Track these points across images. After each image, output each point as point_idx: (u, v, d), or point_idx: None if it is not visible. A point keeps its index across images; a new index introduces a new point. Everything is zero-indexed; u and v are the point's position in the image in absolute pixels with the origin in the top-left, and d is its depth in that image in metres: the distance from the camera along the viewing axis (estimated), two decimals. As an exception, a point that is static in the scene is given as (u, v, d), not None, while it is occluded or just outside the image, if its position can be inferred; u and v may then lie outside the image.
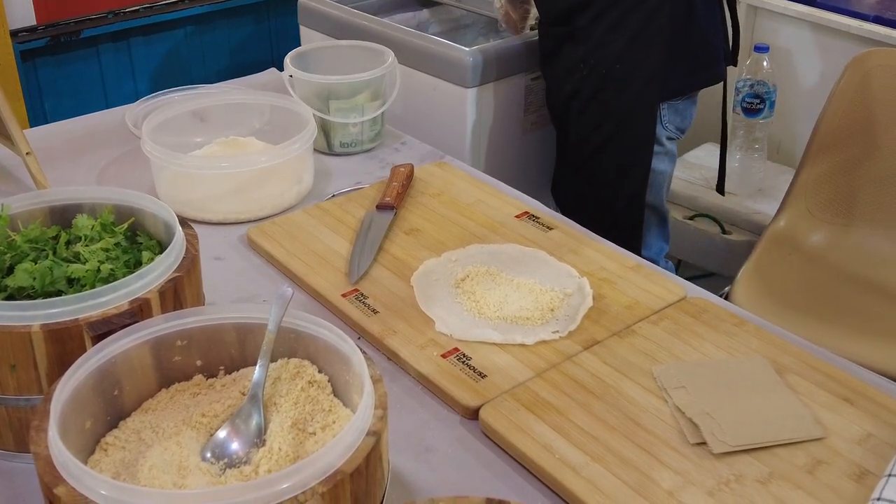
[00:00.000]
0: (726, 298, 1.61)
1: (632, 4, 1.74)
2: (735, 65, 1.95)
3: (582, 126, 1.85)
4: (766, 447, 0.95)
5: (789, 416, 0.99)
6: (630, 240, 1.85)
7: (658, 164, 1.87)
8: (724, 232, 2.29)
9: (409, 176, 1.47)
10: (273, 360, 0.91)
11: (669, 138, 1.87)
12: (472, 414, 1.02)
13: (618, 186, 1.86)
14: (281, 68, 1.66)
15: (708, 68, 1.86)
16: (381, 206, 1.39)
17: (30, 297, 0.98)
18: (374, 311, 1.17)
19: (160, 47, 2.90)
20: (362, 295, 1.20)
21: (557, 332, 1.12)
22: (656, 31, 1.75)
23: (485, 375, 1.06)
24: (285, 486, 0.71)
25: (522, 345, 1.10)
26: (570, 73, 1.83)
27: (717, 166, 2.11)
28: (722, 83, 1.94)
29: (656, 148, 1.85)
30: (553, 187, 2.02)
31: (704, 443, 0.95)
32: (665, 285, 1.22)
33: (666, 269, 1.90)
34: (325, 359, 0.90)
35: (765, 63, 2.29)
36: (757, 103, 2.31)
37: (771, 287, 1.86)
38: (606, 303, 1.18)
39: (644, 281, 1.23)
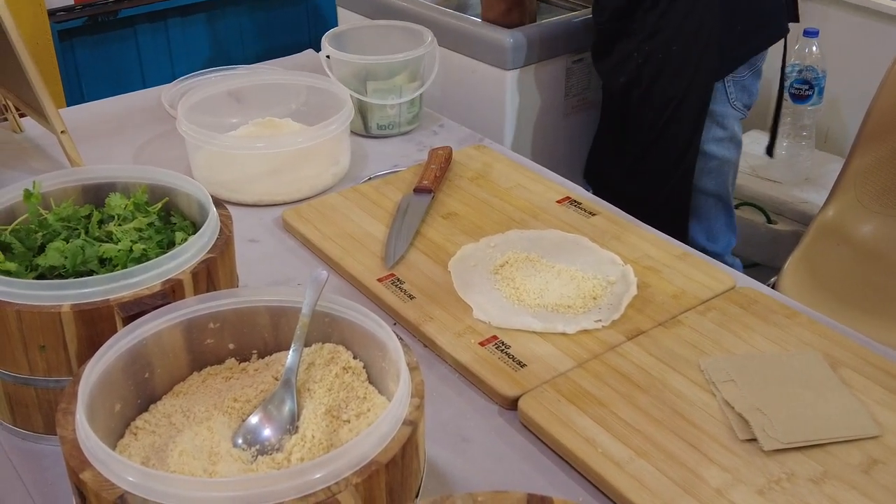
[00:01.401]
0: (773, 288, 1.56)
1: None
2: (797, 20, 1.88)
3: (645, 112, 1.81)
4: (819, 445, 0.91)
5: (844, 412, 0.94)
6: (678, 222, 1.80)
7: (722, 150, 1.81)
8: (769, 221, 2.23)
9: (448, 159, 1.44)
10: (307, 344, 0.88)
11: (737, 118, 1.82)
12: (511, 404, 0.98)
13: (673, 168, 1.81)
14: (318, 50, 1.63)
15: (765, 27, 1.80)
16: (419, 190, 1.35)
17: (61, 276, 0.96)
18: (411, 297, 1.14)
19: (197, 28, 2.89)
20: (398, 280, 1.17)
21: (600, 321, 1.08)
22: (707, 7, 1.72)
23: (524, 365, 1.02)
24: (318, 475, 0.68)
25: (563, 334, 1.06)
26: (623, 64, 1.80)
27: (763, 153, 2.06)
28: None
29: (720, 132, 1.79)
30: (587, 172, 1.97)
31: (754, 439, 0.91)
32: (713, 274, 1.17)
33: (732, 264, 1.85)
34: (360, 344, 0.87)
35: (814, 48, 2.22)
36: (805, 89, 2.24)
37: (819, 278, 1.81)
38: (651, 292, 1.14)
39: (691, 270, 1.18)
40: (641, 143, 1.84)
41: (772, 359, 1.02)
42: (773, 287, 1.76)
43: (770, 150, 2.06)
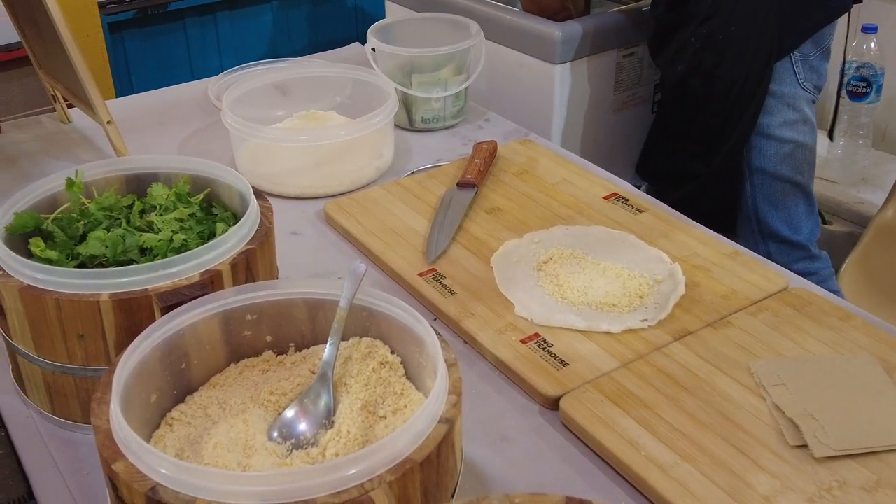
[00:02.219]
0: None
1: None
2: (861, 0, 1.81)
3: (707, 98, 1.75)
4: (872, 452, 0.87)
5: (900, 420, 0.90)
6: (751, 210, 1.75)
7: (795, 133, 1.73)
8: (824, 222, 2.17)
9: (492, 153, 1.41)
10: (344, 338, 0.87)
11: (809, 100, 1.75)
12: (552, 404, 0.96)
13: (740, 153, 1.75)
14: (365, 43, 1.62)
15: (826, 1, 1.72)
16: (462, 184, 1.34)
17: (101, 265, 0.96)
18: (452, 292, 1.12)
19: (245, 22, 2.91)
20: (440, 275, 1.16)
21: (646, 320, 1.05)
22: None
23: (566, 363, 1.00)
24: (352, 472, 0.67)
25: (608, 333, 1.04)
26: (681, 52, 1.75)
27: (823, 153, 2.00)
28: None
29: (792, 114, 1.72)
30: (640, 167, 1.93)
31: (805, 445, 0.88)
32: (765, 274, 1.14)
33: (819, 256, 1.79)
34: (398, 339, 0.85)
35: (872, 45, 2.16)
36: (863, 87, 2.17)
37: (877, 281, 1.75)
38: (700, 291, 1.11)
39: (742, 269, 1.15)
40: (705, 131, 1.77)
41: (825, 362, 0.98)
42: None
43: (831, 134, 1.97)
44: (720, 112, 1.74)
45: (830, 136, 2.00)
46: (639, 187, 1.96)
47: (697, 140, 1.80)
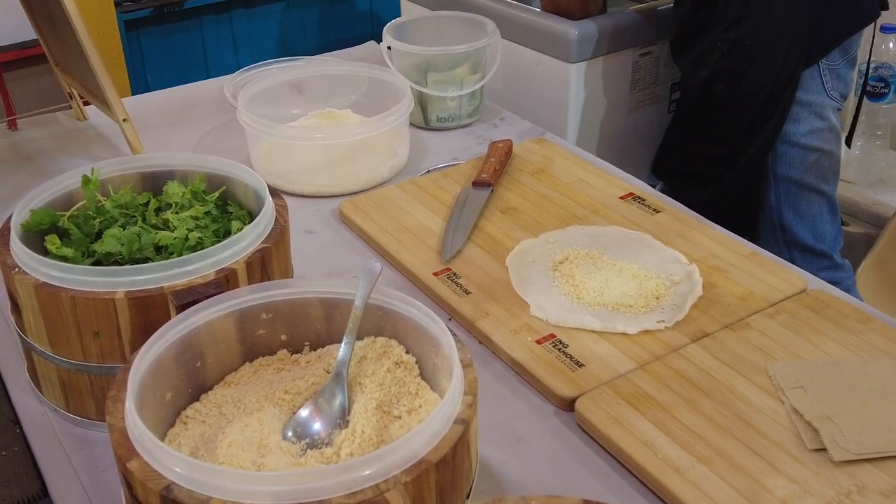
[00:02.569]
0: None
1: None
2: (887, 7, 1.79)
3: (732, 104, 1.73)
4: (892, 457, 0.86)
5: (921, 424, 0.89)
6: (774, 217, 1.73)
7: (821, 142, 1.72)
8: (842, 223, 2.15)
9: (508, 152, 1.41)
10: (359, 338, 0.86)
11: (835, 109, 1.73)
12: (568, 405, 0.95)
13: (763, 160, 1.73)
14: (381, 42, 1.61)
15: (857, 9, 1.70)
16: (478, 183, 1.33)
17: (117, 263, 0.96)
18: (467, 292, 1.12)
19: (261, 20, 2.91)
20: (454, 274, 1.15)
21: (663, 321, 1.05)
22: None
23: (582, 364, 0.99)
24: (367, 472, 0.66)
25: (624, 334, 1.03)
26: (706, 55, 1.72)
27: (841, 154, 1.97)
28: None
29: (818, 123, 1.70)
30: (656, 167, 1.91)
31: (824, 449, 0.87)
32: (783, 276, 1.13)
33: (842, 265, 1.77)
34: (413, 339, 0.85)
35: (891, 45, 2.14)
36: (881, 87, 2.16)
37: (894, 283, 1.73)
38: (717, 292, 1.10)
39: (760, 270, 1.14)
40: (729, 135, 1.75)
41: (844, 365, 0.97)
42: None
43: (848, 141, 1.95)
44: (745, 117, 1.71)
45: (848, 142, 1.96)
46: (654, 186, 1.95)
47: (720, 143, 1.77)
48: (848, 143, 1.96)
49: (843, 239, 1.81)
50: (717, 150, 1.78)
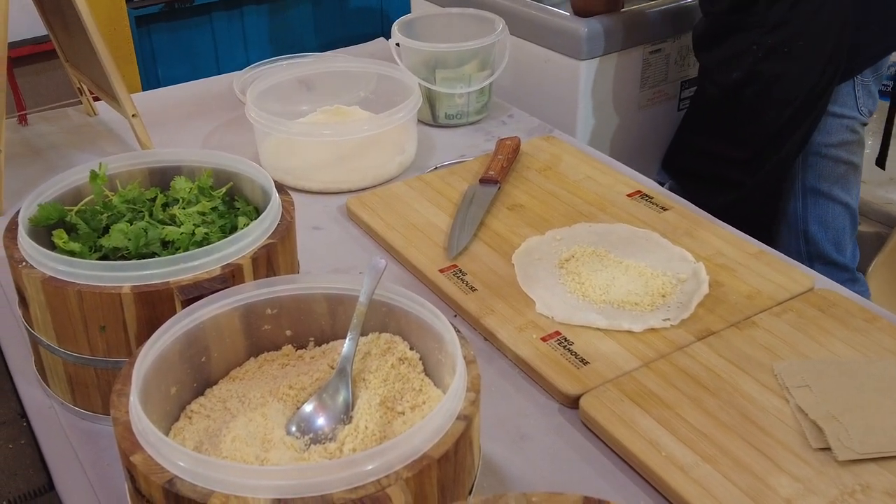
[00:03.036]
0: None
1: None
2: None
3: (762, 111, 1.70)
4: (897, 457, 0.86)
5: (927, 424, 0.89)
6: (797, 229, 1.72)
7: (851, 156, 1.70)
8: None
9: (515, 150, 1.41)
10: (364, 333, 0.86)
11: (863, 124, 1.71)
12: (572, 402, 0.95)
13: (788, 170, 1.71)
14: (390, 38, 1.61)
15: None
16: (485, 180, 1.33)
17: (124, 258, 0.96)
18: (472, 289, 1.12)
19: (271, 16, 2.92)
20: (461, 271, 1.15)
21: (668, 319, 1.04)
22: None
23: (587, 362, 0.99)
24: (369, 467, 0.67)
25: (629, 332, 1.03)
26: (738, 57, 1.68)
27: None
28: None
29: (850, 136, 1.69)
30: (666, 163, 1.90)
31: (828, 448, 0.86)
32: (790, 275, 1.12)
33: (858, 280, 1.76)
34: (417, 335, 0.85)
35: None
36: (892, 86, 2.14)
37: (904, 283, 1.73)
38: (724, 291, 1.10)
39: (767, 269, 1.13)
40: (755, 140, 1.72)
41: (850, 365, 0.97)
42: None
43: (881, 162, 1.91)
44: (773, 124, 1.68)
45: (884, 145, 1.91)
46: (663, 184, 1.95)
47: (743, 147, 1.74)
48: (881, 163, 1.91)
49: (859, 253, 1.80)
50: (738, 153, 1.75)
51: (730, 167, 1.77)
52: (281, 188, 1.03)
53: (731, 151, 1.77)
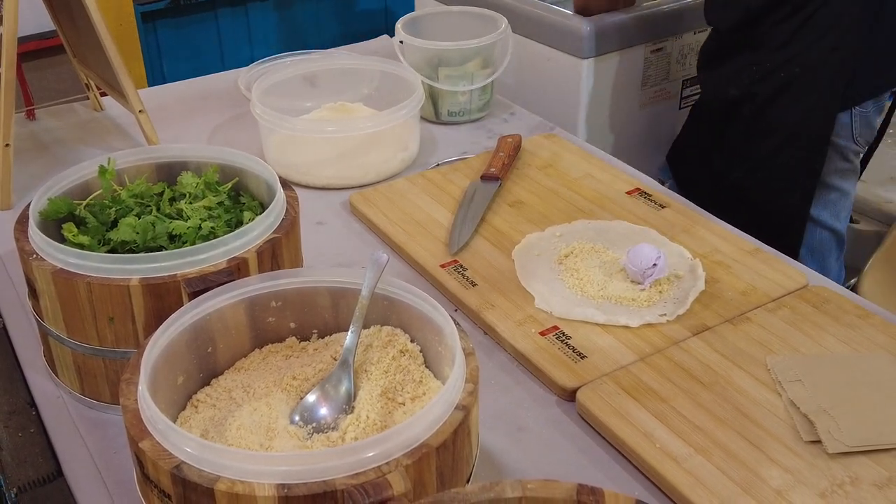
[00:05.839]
0: (853, 290, 1.51)
1: (823, 1, 1.55)
2: None
3: (756, 132, 1.68)
4: (886, 449, 0.88)
5: (916, 418, 0.91)
6: (789, 246, 1.69)
7: (844, 183, 1.68)
8: (851, 221, 2.16)
9: (517, 147, 1.43)
10: (366, 326, 0.88)
11: (858, 153, 1.69)
12: (569, 395, 0.97)
13: (786, 197, 1.69)
14: (394, 36, 1.63)
15: None
16: (486, 177, 1.35)
17: (132, 251, 0.98)
18: (473, 284, 1.14)
19: (276, 13, 2.93)
20: (461, 266, 1.17)
21: (665, 315, 1.06)
22: (847, 27, 1.55)
23: (584, 356, 1.01)
24: (370, 455, 0.69)
25: (626, 327, 1.05)
26: (737, 75, 1.66)
27: None
28: None
29: (844, 165, 1.66)
30: (670, 158, 1.90)
31: (819, 441, 0.88)
32: (785, 272, 1.14)
33: None
34: (417, 328, 0.87)
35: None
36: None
37: (900, 280, 1.74)
38: (720, 287, 1.12)
39: (762, 266, 1.15)
40: (750, 160, 1.71)
41: (841, 360, 0.99)
42: (853, 287, 1.70)
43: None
44: (765, 151, 1.66)
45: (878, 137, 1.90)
46: (663, 183, 1.96)
47: (738, 167, 1.73)
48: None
49: (844, 276, 1.80)
50: (734, 171, 1.73)
51: (728, 180, 1.77)
52: (285, 184, 1.05)
53: (727, 167, 1.76)
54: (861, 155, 1.71)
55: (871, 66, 1.60)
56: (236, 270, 0.92)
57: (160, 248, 0.98)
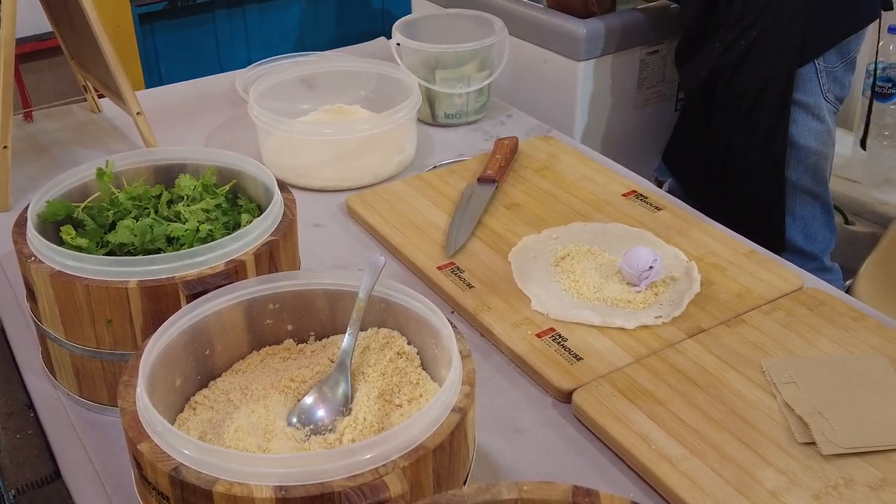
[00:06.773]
0: (848, 292, 1.52)
1: None
2: (892, 7, 1.78)
3: (729, 103, 1.75)
4: (880, 451, 0.88)
5: (909, 420, 0.91)
6: (773, 220, 1.74)
7: (819, 144, 1.73)
8: (847, 222, 2.17)
9: (513, 149, 1.43)
10: (363, 328, 0.89)
11: (832, 112, 1.74)
12: (565, 397, 0.98)
13: (761, 161, 1.74)
14: (391, 38, 1.64)
15: (856, 10, 1.70)
16: (483, 179, 1.35)
17: (130, 253, 0.99)
18: (470, 286, 1.14)
19: (274, 15, 2.94)
20: (458, 269, 1.18)
21: (660, 317, 1.07)
22: None
23: (580, 358, 1.01)
24: (367, 456, 0.69)
25: (622, 329, 1.05)
26: (706, 58, 1.74)
27: (847, 153, 1.98)
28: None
29: (817, 125, 1.72)
30: (666, 157, 1.92)
31: (813, 443, 0.89)
32: (780, 274, 1.15)
33: (831, 268, 1.78)
34: (414, 330, 0.88)
35: (899, 45, 2.14)
36: (889, 87, 2.16)
37: None
38: (715, 289, 1.12)
39: (757, 268, 1.16)
40: (726, 135, 1.77)
41: (836, 362, 0.99)
42: (848, 289, 1.71)
43: (863, 143, 1.95)
44: (737, 116, 1.73)
45: (863, 144, 1.96)
46: (661, 184, 1.97)
47: (717, 144, 1.78)
48: (863, 145, 1.96)
49: (834, 241, 1.83)
50: (716, 149, 1.79)
51: (712, 167, 1.81)
52: (283, 186, 1.05)
53: (712, 149, 1.80)
54: (835, 114, 1.76)
55: (821, 16, 1.66)
56: (234, 273, 0.93)
57: (158, 251, 0.98)
